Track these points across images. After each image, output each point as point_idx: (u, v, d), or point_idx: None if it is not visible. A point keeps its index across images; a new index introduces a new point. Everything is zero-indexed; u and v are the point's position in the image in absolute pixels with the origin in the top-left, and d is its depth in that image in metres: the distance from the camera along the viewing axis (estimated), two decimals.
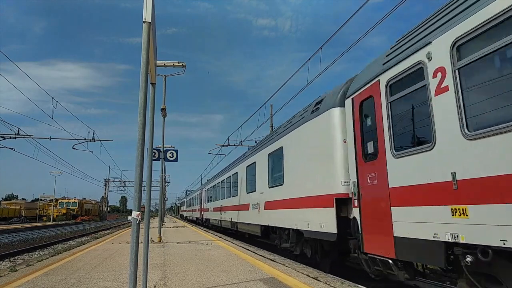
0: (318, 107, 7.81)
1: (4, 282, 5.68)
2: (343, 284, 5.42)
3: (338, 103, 7.01)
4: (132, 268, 3.59)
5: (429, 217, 4.36)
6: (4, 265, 11.48)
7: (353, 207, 6.30)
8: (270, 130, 22.35)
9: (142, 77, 3.81)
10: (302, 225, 8.21)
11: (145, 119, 3.77)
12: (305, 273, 6.35)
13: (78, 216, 63.70)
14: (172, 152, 14.47)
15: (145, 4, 3.80)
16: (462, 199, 3.90)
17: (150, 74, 4.57)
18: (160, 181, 17.33)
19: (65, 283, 5.59)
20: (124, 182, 72.85)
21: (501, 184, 3.44)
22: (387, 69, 5.37)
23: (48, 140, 28.44)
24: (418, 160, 4.62)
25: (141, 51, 3.84)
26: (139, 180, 3.70)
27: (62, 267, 7.24)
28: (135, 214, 3.71)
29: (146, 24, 3.83)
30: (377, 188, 5.50)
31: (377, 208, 5.46)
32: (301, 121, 8.73)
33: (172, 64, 12.04)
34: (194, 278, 5.97)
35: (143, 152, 3.74)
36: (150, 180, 5.28)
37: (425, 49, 4.58)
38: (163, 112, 13.51)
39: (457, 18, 4.14)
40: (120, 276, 6.14)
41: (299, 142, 8.76)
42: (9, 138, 25.47)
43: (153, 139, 5.20)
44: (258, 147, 13.39)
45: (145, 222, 4.63)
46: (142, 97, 3.77)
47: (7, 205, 60.47)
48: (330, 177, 6.96)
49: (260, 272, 6.55)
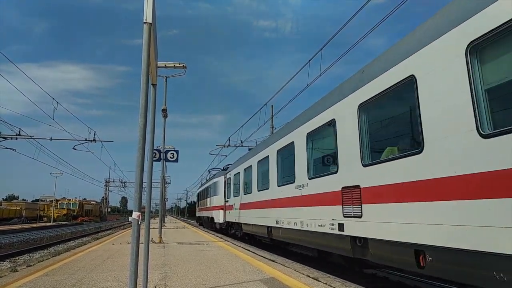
0: None
1: (5, 283, 5.69)
2: (343, 284, 5.42)
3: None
4: (133, 269, 3.59)
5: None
6: (5, 266, 11.49)
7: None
8: (271, 131, 22.31)
9: (143, 78, 3.82)
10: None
11: (146, 120, 3.78)
12: (305, 273, 6.36)
13: (78, 216, 63.73)
14: (172, 152, 14.47)
15: (146, 5, 3.81)
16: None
17: (151, 75, 4.58)
18: (160, 181, 17.34)
19: (66, 283, 5.60)
20: (124, 183, 72.95)
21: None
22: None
23: (49, 141, 28.46)
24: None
25: (142, 52, 3.85)
26: (140, 181, 3.71)
27: (62, 268, 7.25)
28: (136, 215, 3.72)
29: (146, 25, 3.84)
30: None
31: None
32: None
33: (172, 65, 12.05)
34: (195, 278, 5.97)
35: (144, 152, 3.74)
36: (151, 181, 5.29)
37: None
38: (164, 113, 13.54)
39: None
40: (121, 276, 6.15)
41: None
42: (10, 139, 25.50)
43: (154, 140, 5.21)
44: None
45: (145, 223, 4.64)
46: (143, 98, 3.78)
47: (8, 205, 60.50)
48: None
49: (261, 272, 6.56)
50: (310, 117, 8.30)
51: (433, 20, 4.74)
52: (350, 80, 6.85)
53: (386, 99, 5.51)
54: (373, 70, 5.90)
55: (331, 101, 7.30)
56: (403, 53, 5.10)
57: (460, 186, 3.89)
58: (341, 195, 6.46)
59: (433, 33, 4.51)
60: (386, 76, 5.40)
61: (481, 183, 3.63)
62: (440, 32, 4.36)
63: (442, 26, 4.38)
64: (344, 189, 6.41)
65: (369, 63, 6.39)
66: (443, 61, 4.26)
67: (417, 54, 4.77)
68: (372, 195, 5.54)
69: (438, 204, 4.19)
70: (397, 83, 5.12)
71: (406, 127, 5.25)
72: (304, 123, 8.57)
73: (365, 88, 5.98)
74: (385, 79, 5.41)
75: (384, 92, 5.44)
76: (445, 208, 4.09)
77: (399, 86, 5.10)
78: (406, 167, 4.83)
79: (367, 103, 5.89)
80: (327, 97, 7.85)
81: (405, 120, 5.29)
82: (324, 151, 7.88)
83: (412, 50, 4.89)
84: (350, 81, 6.79)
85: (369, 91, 5.83)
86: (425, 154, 4.49)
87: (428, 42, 4.56)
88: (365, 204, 5.71)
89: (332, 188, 6.84)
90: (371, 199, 5.56)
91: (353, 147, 6.15)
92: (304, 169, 8.39)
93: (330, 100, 7.41)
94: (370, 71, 6.02)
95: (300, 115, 9.39)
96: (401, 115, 5.52)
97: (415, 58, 4.81)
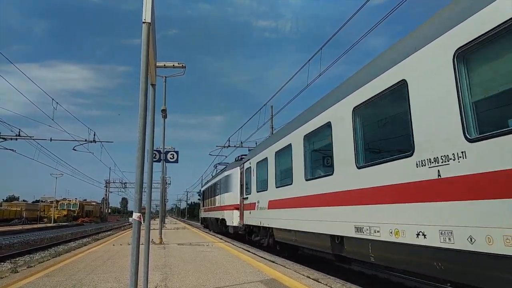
0: None
1: (6, 284, 5.68)
2: (344, 285, 5.40)
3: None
4: (133, 270, 3.58)
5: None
6: (5, 267, 11.47)
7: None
8: (271, 131, 22.31)
9: (142, 78, 3.80)
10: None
11: (145, 121, 3.76)
12: (305, 274, 6.34)
13: (79, 217, 63.73)
14: (172, 153, 14.46)
15: (145, 4, 3.80)
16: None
17: (150, 75, 4.56)
18: (160, 182, 17.33)
19: (66, 284, 5.59)
20: (124, 184, 73.02)
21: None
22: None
23: (49, 142, 28.55)
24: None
25: (141, 52, 3.83)
26: (140, 182, 3.69)
27: (63, 269, 7.24)
28: (136, 216, 3.71)
29: (145, 25, 3.82)
30: None
31: None
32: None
33: (172, 65, 12.02)
34: (195, 279, 5.96)
35: (144, 153, 3.73)
36: (151, 182, 5.28)
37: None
38: (163, 113, 13.52)
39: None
40: (121, 277, 6.13)
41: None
42: (10, 140, 25.53)
43: (154, 140, 5.20)
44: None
45: (145, 224, 4.62)
46: (142, 98, 3.76)
47: (8, 206, 60.53)
48: None
49: (261, 273, 6.54)
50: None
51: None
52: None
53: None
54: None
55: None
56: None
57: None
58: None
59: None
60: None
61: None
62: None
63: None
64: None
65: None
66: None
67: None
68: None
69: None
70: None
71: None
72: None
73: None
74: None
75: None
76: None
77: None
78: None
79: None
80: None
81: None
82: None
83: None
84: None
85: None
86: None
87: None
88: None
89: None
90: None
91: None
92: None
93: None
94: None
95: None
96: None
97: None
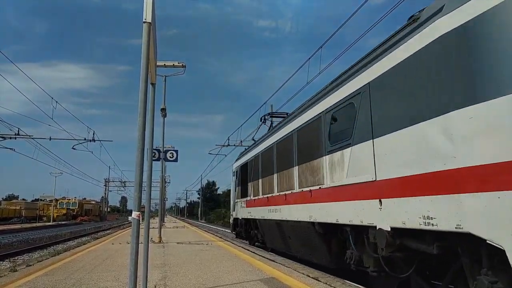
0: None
1: (5, 282, 5.68)
2: (343, 284, 5.42)
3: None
4: (132, 268, 3.59)
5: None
6: (4, 265, 11.48)
7: None
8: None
9: (142, 77, 3.81)
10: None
11: (145, 119, 3.77)
12: (305, 273, 6.35)
13: (78, 216, 63.69)
14: (172, 152, 14.47)
15: (145, 4, 3.80)
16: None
17: (150, 75, 4.57)
18: (160, 181, 17.34)
19: (65, 283, 5.59)
20: (124, 182, 72.83)
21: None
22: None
23: (48, 141, 28.42)
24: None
25: (141, 51, 3.84)
26: (139, 180, 3.70)
27: (62, 268, 7.24)
28: (135, 215, 3.71)
29: (146, 25, 3.83)
30: None
31: None
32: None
33: (172, 64, 12.04)
34: (194, 278, 5.97)
35: (143, 152, 3.73)
36: (150, 180, 5.28)
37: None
38: (163, 112, 13.52)
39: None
40: (120, 276, 6.14)
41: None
42: (9, 139, 25.46)
43: (153, 139, 5.20)
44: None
45: (145, 223, 4.63)
46: (142, 97, 3.77)
47: (7, 205, 60.43)
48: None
49: (261, 272, 6.55)
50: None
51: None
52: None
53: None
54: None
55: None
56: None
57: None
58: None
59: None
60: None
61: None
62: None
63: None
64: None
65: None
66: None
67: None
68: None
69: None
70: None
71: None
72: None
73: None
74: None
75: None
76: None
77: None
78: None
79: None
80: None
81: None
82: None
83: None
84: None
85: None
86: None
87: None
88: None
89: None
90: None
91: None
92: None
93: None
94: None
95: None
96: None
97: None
